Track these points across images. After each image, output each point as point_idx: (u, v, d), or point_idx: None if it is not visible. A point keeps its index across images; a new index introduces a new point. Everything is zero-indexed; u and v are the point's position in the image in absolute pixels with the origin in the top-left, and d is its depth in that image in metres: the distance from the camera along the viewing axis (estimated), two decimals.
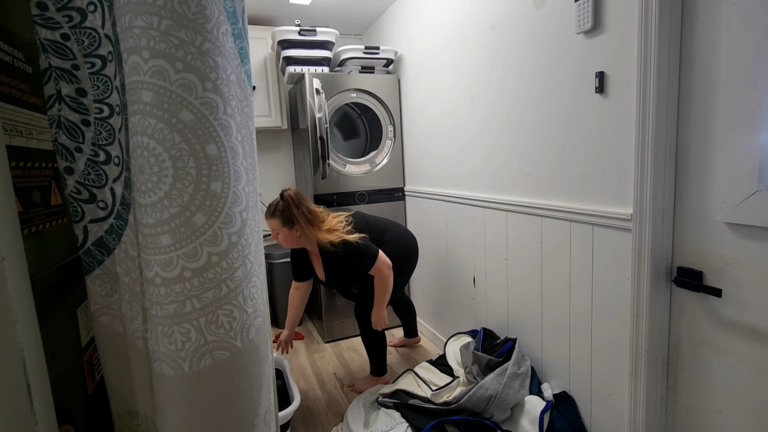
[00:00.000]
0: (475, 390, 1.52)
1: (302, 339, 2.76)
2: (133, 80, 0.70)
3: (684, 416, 1.21)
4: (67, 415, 0.81)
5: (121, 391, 0.92)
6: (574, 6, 1.35)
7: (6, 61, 0.71)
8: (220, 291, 0.76)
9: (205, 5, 0.71)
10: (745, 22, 0.97)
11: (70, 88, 0.81)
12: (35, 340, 0.66)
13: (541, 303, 1.64)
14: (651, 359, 1.23)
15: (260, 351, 0.85)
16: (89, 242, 0.86)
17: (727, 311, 1.08)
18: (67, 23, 0.79)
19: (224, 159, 0.75)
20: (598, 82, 1.30)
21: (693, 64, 1.10)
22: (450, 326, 2.38)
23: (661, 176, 1.16)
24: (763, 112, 0.95)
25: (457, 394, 1.58)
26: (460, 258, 2.20)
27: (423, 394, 1.71)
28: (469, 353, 1.75)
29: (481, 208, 1.96)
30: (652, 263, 1.19)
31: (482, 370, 1.65)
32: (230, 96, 0.77)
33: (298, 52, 2.53)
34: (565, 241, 1.50)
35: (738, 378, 1.07)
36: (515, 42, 1.64)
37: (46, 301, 0.77)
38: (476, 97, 1.92)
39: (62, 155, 0.82)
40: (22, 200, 0.71)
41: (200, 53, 0.71)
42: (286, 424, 1.60)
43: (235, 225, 0.78)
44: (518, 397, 1.53)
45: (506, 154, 1.76)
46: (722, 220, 1.06)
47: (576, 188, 1.44)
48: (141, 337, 0.86)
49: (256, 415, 0.84)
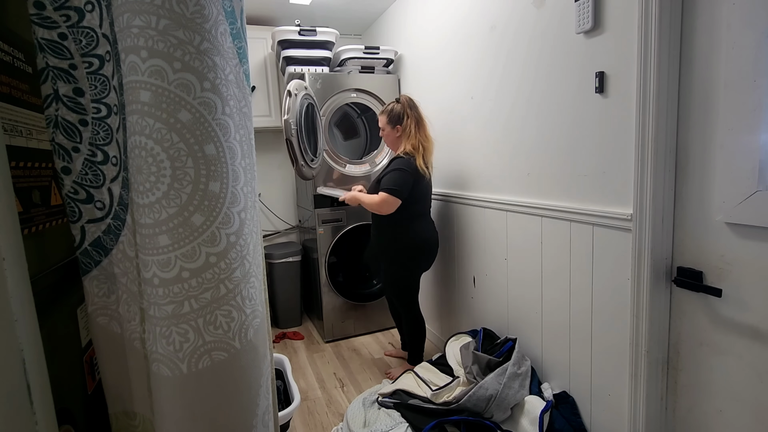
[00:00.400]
0: (475, 390, 1.52)
1: (302, 339, 2.76)
2: (131, 80, 0.70)
3: (684, 416, 1.21)
4: (67, 415, 0.81)
5: (118, 393, 0.92)
6: (574, 6, 1.35)
7: (6, 61, 0.71)
8: (218, 291, 0.76)
9: (203, 5, 0.71)
10: (745, 22, 0.97)
11: (67, 88, 0.81)
12: (35, 340, 0.66)
13: (541, 303, 1.64)
14: (651, 359, 1.23)
15: (259, 351, 0.84)
16: (86, 243, 0.86)
17: (727, 311, 1.08)
18: (64, 22, 0.79)
19: (223, 159, 0.75)
20: (598, 82, 1.30)
21: (693, 64, 1.10)
22: (450, 326, 2.38)
23: (661, 176, 1.16)
24: (763, 112, 0.95)
25: (457, 394, 1.58)
26: (460, 258, 2.20)
27: (423, 394, 1.71)
28: (469, 353, 1.75)
29: (481, 207, 1.96)
30: (652, 263, 1.19)
31: (482, 370, 1.65)
32: (229, 96, 0.77)
33: (298, 52, 2.53)
34: (565, 241, 1.49)
35: (738, 378, 1.07)
36: (515, 42, 1.64)
37: (46, 301, 0.77)
38: (476, 97, 1.92)
39: (59, 155, 0.82)
40: (22, 200, 0.71)
41: (198, 53, 0.71)
42: (286, 424, 1.60)
43: (234, 225, 0.78)
44: (518, 397, 1.53)
45: (506, 154, 1.76)
46: (722, 220, 1.06)
47: (576, 188, 1.43)
48: (139, 337, 0.86)
49: (255, 416, 0.84)
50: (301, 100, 2.07)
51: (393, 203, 1.88)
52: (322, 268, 2.59)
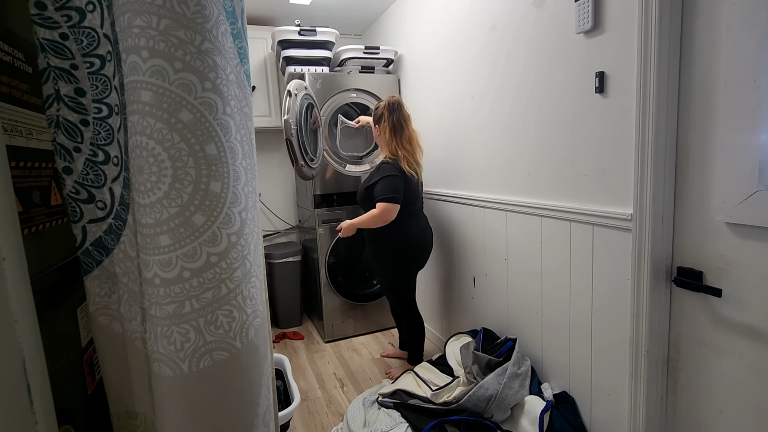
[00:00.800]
0: (475, 390, 1.52)
1: (302, 339, 2.76)
2: (132, 80, 0.70)
3: (684, 416, 1.21)
4: (67, 415, 0.81)
5: (119, 392, 0.92)
6: (574, 6, 1.35)
7: (6, 61, 0.71)
8: (219, 291, 0.76)
9: (204, 5, 0.71)
10: (745, 22, 0.97)
11: (68, 88, 0.81)
12: (35, 340, 0.66)
13: (541, 303, 1.64)
14: (651, 359, 1.23)
15: (259, 351, 0.84)
16: (88, 242, 0.86)
17: (727, 311, 1.08)
18: (65, 23, 0.79)
19: (223, 159, 0.75)
20: (598, 82, 1.30)
21: (693, 64, 1.10)
22: (450, 326, 2.38)
23: (661, 176, 1.16)
24: (763, 112, 0.95)
25: (457, 394, 1.58)
26: (460, 258, 2.20)
27: (423, 394, 1.71)
28: (469, 353, 1.75)
29: (481, 207, 1.96)
30: (652, 263, 1.19)
31: (482, 370, 1.65)
32: (229, 96, 0.77)
33: (298, 52, 2.53)
34: (565, 241, 1.49)
35: (738, 378, 1.07)
36: (515, 42, 1.64)
37: (46, 301, 0.77)
38: (476, 97, 1.92)
39: (61, 155, 0.82)
40: (22, 200, 0.71)
41: (199, 53, 0.71)
42: (286, 424, 1.60)
43: (235, 225, 0.78)
44: (518, 398, 1.53)
45: (506, 154, 1.76)
46: (722, 220, 1.06)
47: (576, 188, 1.43)
48: (140, 337, 0.86)
49: (256, 416, 0.84)
50: (301, 100, 2.07)
51: (393, 209, 1.88)
52: (322, 268, 2.59)
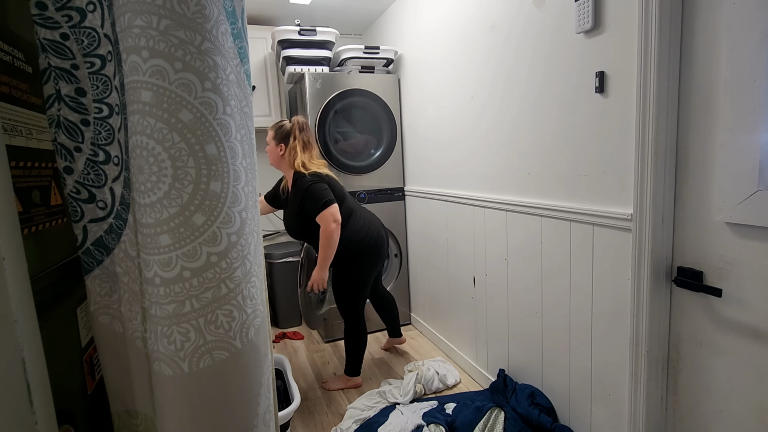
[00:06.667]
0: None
1: (302, 339, 2.76)
2: (132, 80, 0.70)
3: (684, 416, 1.21)
4: (67, 415, 0.81)
5: (120, 391, 0.92)
6: (574, 6, 1.35)
7: (6, 61, 0.71)
8: (219, 291, 0.76)
9: (204, 5, 0.71)
10: (745, 22, 0.97)
11: (69, 88, 0.81)
12: (35, 340, 0.66)
13: (541, 303, 1.64)
14: (651, 359, 1.23)
15: (260, 351, 0.85)
16: (88, 242, 0.86)
17: (728, 311, 1.08)
18: (66, 23, 0.79)
19: (223, 159, 0.75)
20: (598, 82, 1.30)
21: (693, 64, 1.10)
22: (450, 326, 2.38)
23: (661, 176, 1.16)
24: (763, 112, 0.95)
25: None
26: (460, 258, 2.20)
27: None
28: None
29: (481, 207, 1.96)
30: (652, 263, 1.19)
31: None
32: (229, 96, 0.77)
33: (298, 52, 2.53)
34: (565, 241, 1.49)
35: (738, 378, 1.07)
36: (515, 42, 1.64)
37: (46, 301, 0.77)
38: (476, 97, 1.92)
39: (61, 155, 0.82)
40: (22, 200, 0.71)
41: (199, 53, 0.71)
42: (286, 424, 1.60)
43: (235, 225, 0.78)
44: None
45: (506, 153, 1.76)
46: (722, 220, 1.06)
47: (576, 188, 1.43)
48: (140, 337, 0.86)
49: (256, 415, 0.84)
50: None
51: (334, 210, 1.82)
52: None
